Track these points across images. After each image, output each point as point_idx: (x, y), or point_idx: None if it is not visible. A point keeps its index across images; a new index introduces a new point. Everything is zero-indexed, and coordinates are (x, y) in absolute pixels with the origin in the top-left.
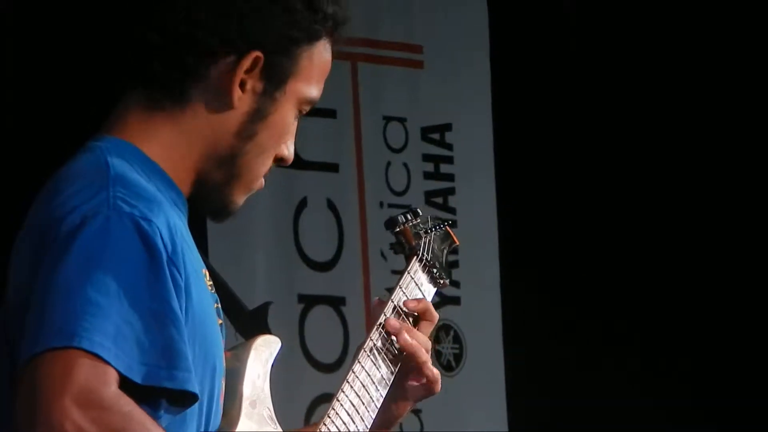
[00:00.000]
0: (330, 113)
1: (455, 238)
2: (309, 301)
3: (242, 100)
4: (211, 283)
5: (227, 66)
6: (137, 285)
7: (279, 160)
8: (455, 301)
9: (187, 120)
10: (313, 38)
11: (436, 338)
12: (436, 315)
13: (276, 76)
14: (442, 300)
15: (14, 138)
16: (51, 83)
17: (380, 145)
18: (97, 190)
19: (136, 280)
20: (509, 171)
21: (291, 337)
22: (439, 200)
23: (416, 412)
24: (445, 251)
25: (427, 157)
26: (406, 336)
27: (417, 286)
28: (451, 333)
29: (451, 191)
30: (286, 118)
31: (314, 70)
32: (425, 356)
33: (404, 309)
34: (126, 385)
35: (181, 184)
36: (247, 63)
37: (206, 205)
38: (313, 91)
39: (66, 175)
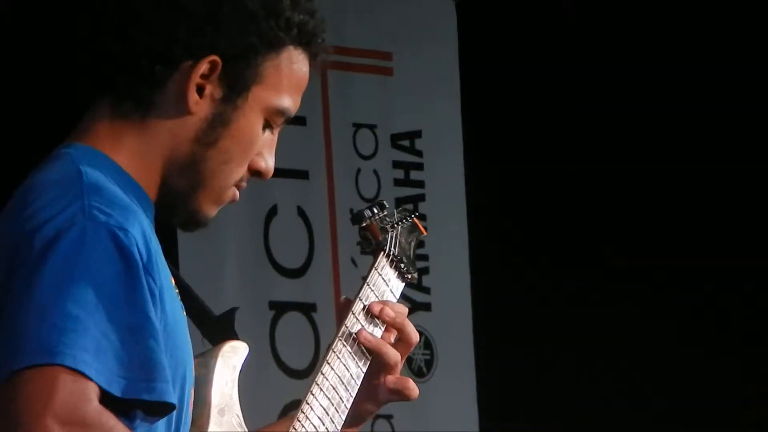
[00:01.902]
0: (300, 120)
1: (422, 229)
2: (280, 308)
3: (200, 105)
4: (177, 290)
5: (185, 72)
6: (115, 297)
7: (256, 173)
8: (426, 307)
9: (150, 127)
10: (275, 46)
11: None
12: (403, 310)
13: (236, 83)
14: (412, 306)
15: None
16: (35, 86)
17: (350, 152)
18: (71, 199)
19: (113, 292)
20: (479, 177)
21: (262, 344)
22: (410, 207)
23: (388, 417)
24: (413, 243)
25: (397, 164)
26: (366, 334)
27: (384, 282)
28: (422, 339)
29: (422, 198)
30: (253, 128)
31: (283, 80)
32: (390, 353)
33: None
34: (105, 398)
35: (148, 191)
36: (202, 67)
37: (174, 214)
38: (284, 101)
39: (36, 184)
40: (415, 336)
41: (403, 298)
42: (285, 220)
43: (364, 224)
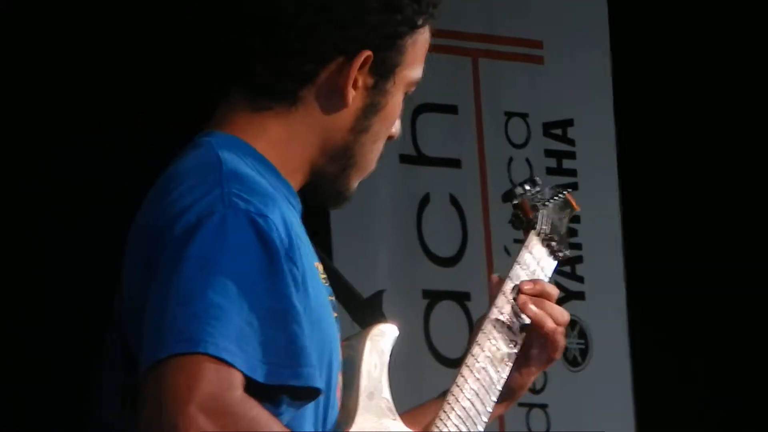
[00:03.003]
0: (451, 109)
1: (575, 205)
2: (433, 297)
3: (355, 98)
4: (324, 276)
5: (338, 67)
6: (257, 284)
7: (389, 139)
8: (579, 296)
9: (297, 119)
10: (416, 27)
11: None
12: (554, 292)
13: (386, 70)
14: (566, 295)
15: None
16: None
17: (502, 141)
18: (211, 186)
19: (255, 279)
20: (632, 165)
21: (416, 333)
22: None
23: (543, 406)
24: (565, 220)
25: (549, 153)
26: (532, 306)
27: (535, 260)
28: (577, 328)
29: (574, 186)
30: (398, 105)
31: (418, 53)
32: (552, 324)
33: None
34: (250, 385)
35: (291, 178)
36: (358, 63)
37: (321, 195)
38: (419, 71)
39: (177, 172)
40: (563, 316)
41: (557, 286)
42: (438, 209)
43: (515, 201)
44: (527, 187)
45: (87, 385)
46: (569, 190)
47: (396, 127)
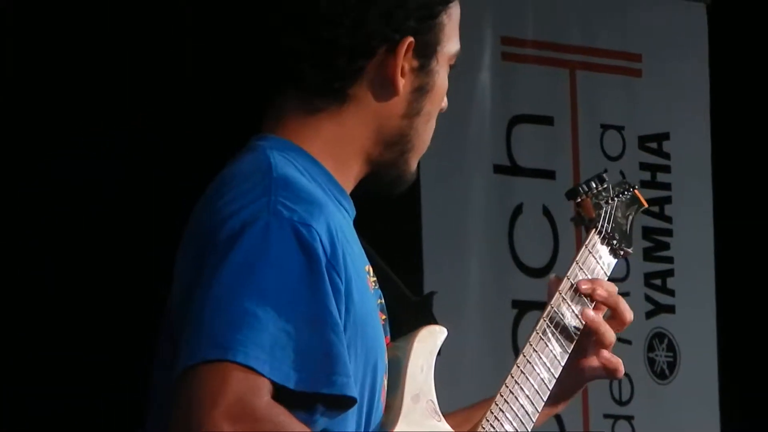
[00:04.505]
0: (547, 120)
1: (643, 201)
2: (523, 307)
3: (404, 84)
4: (374, 279)
5: (383, 58)
6: (295, 292)
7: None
8: (670, 309)
9: (350, 115)
10: (450, 2)
11: (649, 346)
12: (613, 289)
13: (429, 51)
14: (656, 308)
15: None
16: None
17: (597, 153)
18: (259, 193)
19: (294, 287)
20: (727, 181)
21: (504, 343)
22: (656, 209)
23: (629, 418)
24: (631, 217)
25: (644, 166)
26: (588, 311)
27: (595, 259)
28: (665, 341)
29: (668, 200)
30: (445, 81)
31: (454, 26)
32: (609, 331)
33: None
34: (283, 393)
35: (348, 177)
36: (402, 50)
37: (384, 183)
38: (457, 44)
39: (230, 175)
40: (629, 314)
41: (647, 300)
42: (530, 220)
43: (579, 200)
44: (593, 185)
45: (102, 383)
46: (636, 186)
47: (444, 101)
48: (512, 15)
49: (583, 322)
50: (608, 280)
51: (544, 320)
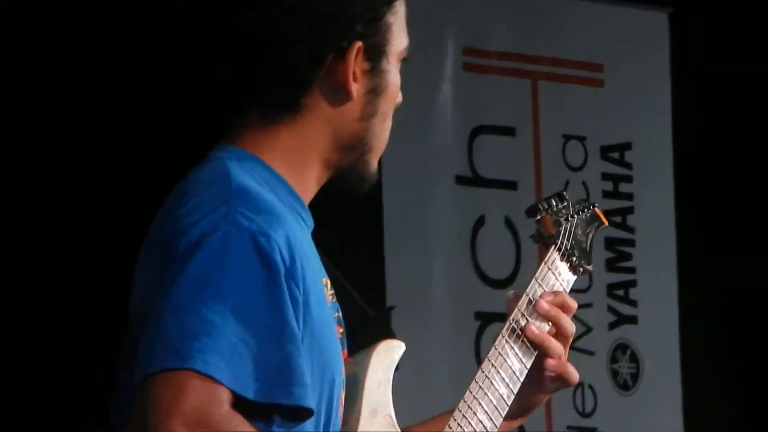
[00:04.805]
0: (509, 131)
1: (604, 219)
2: (486, 319)
3: (356, 88)
4: (332, 292)
5: (333, 65)
6: (254, 302)
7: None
8: (633, 320)
9: (306, 124)
10: (393, 1)
11: (612, 357)
12: (573, 305)
13: (378, 52)
14: (619, 319)
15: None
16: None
17: (559, 164)
18: (218, 203)
19: (252, 297)
20: (689, 190)
21: (468, 354)
22: (618, 219)
23: (592, 430)
24: (591, 234)
25: (606, 176)
26: (532, 328)
27: (554, 276)
28: (628, 352)
29: (630, 210)
30: (396, 79)
31: (400, 22)
32: (554, 346)
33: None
34: (241, 402)
35: (307, 187)
36: (352, 56)
37: (346, 185)
38: (406, 39)
39: (189, 185)
40: (570, 328)
41: (610, 311)
42: (493, 231)
43: (539, 217)
44: (553, 202)
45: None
46: (595, 204)
47: (399, 97)
48: (474, 25)
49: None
50: (570, 291)
51: (503, 336)
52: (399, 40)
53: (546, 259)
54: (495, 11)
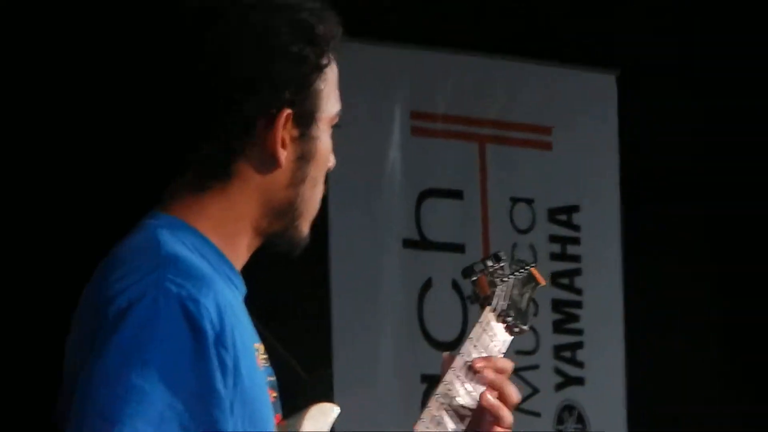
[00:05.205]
0: (457, 194)
1: (540, 279)
2: (432, 381)
3: (285, 155)
4: (265, 356)
5: (262, 132)
6: (182, 368)
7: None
8: (579, 381)
9: (236, 191)
10: (324, 68)
11: (559, 418)
12: (508, 367)
13: (308, 119)
14: (566, 380)
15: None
16: None
17: (507, 226)
18: (147, 270)
19: (181, 363)
20: (636, 252)
21: (413, 417)
22: (566, 281)
23: None
24: (527, 295)
25: (553, 239)
26: (487, 396)
27: (489, 337)
28: (575, 413)
29: (578, 272)
30: (327, 144)
31: (332, 88)
32: (506, 415)
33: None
34: None
35: (239, 253)
36: (281, 123)
37: (279, 249)
38: (337, 104)
39: (120, 254)
40: (515, 395)
41: (557, 372)
42: (440, 293)
43: (474, 278)
44: (489, 263)
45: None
46: (534, 264)
47: (332, 161)
48: (422, 89)
49: (477, 401)
50: (518, 353)
51: (436, 397)
52: (330, 105)
53: (480, 319)
54: (443, 75)
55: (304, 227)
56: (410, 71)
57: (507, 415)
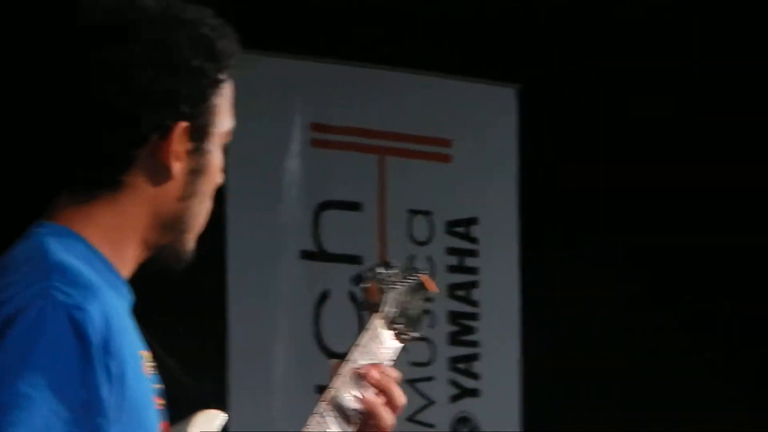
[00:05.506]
0: (355, 206)
1: (431, 286)
2: None
3: (178, 168)
4: (152, 364)
5: (156, 143)
6: (68, 376)
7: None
8: (474, 393)
9: (126, 201)
10: (220, 84)
11: (454, 430)
12: (394, 374)
13: (202, 133)
14: (461, 392)
15: None
16: None
17: (404, 238)
18: (34, 279)
19: (66, 371)
20: (534, 265)
21: None
22: (463, 293)
23: None
24: (418, 303)
25: (451, 251)
26: (368, 395)
27: (376, 343)
28: (469, 425)
29: (475, 284)
30: (218, 160)
31: (226, 104)
32: (387, 416)
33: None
34: None
35: (126, 262)
36: (175, 136)
37: (163, 262)
38: (231, 121)
39: (7, 263)
40: (401, 399)
41: (452, 384)
42: (337, 305)
43: (365, 285)
44: (379, 270)
45: None
46: (426, 272)
47: (221, 178)
48: (321, 101)
49: (363, 406)
50: (413, 364)
51: (323, 403)
52: (224, 121)
53: (368, 325)
54: (343, 87)
55: (190, 242)
56: (310, 83)
57: (388, 416)
